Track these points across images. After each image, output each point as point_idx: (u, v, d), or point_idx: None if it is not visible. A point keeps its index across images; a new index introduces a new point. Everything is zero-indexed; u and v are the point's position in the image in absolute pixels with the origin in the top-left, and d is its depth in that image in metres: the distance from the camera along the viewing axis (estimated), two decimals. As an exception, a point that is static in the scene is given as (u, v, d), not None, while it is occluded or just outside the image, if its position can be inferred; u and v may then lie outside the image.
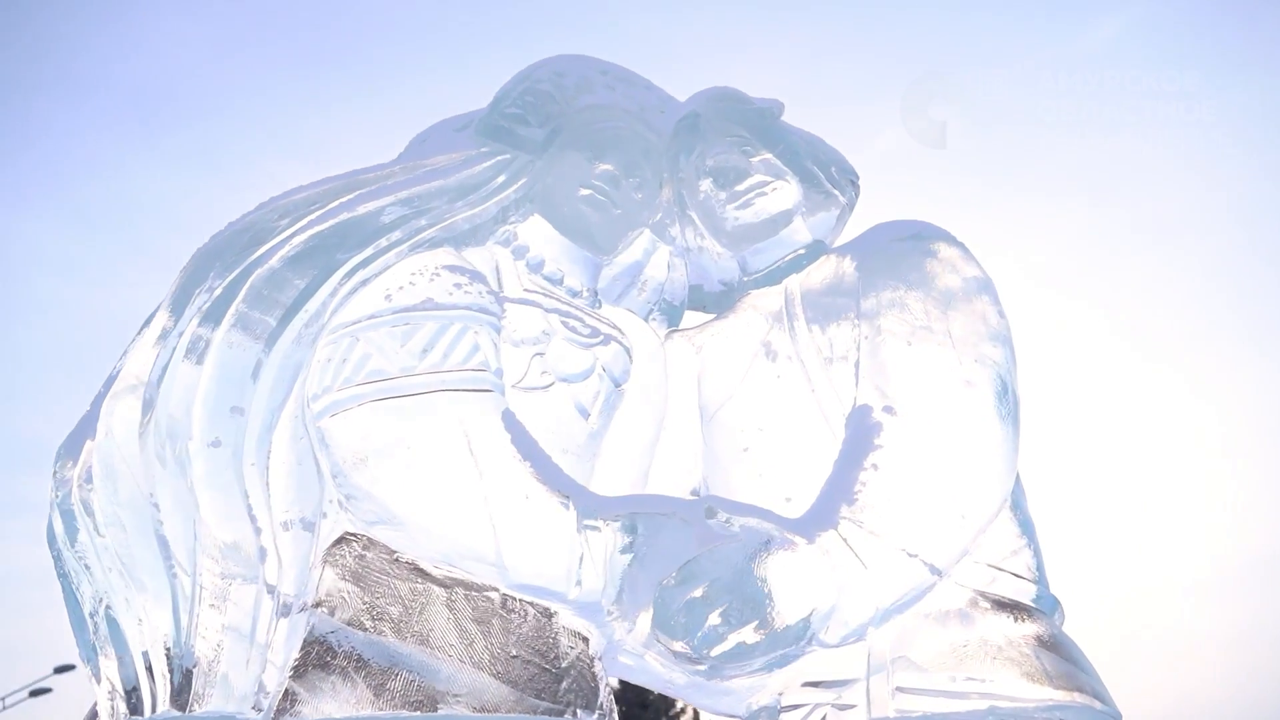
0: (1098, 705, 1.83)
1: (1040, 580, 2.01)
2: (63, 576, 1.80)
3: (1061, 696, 1.80)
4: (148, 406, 1.78)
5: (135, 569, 1.73)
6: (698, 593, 1.73)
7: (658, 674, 1.94)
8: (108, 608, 1.74)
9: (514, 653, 1.71)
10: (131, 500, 1.75)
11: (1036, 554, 2.04)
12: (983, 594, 1.92)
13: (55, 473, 1.81)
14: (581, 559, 1.73)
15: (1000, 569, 1.96)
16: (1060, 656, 1.87)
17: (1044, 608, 1.97)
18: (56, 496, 1.80)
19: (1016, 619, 1.90)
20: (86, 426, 1.84)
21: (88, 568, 1.76)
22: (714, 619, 1.72)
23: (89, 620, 1.76)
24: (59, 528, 1.79)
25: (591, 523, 1.74)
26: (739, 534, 1.76)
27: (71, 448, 1.84)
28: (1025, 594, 1.95)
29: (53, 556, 1.80)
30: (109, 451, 1.77)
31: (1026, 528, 2.06)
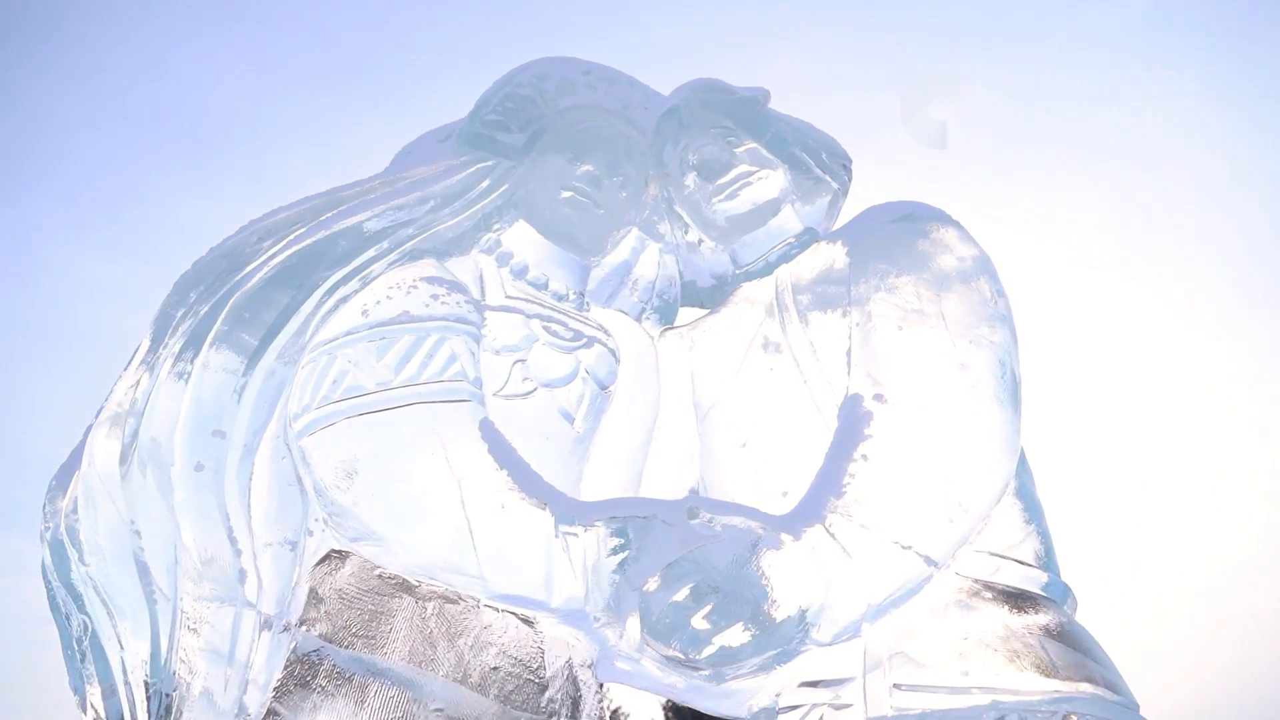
0: (1109, 696, 1.75)
1: (1049, 567, 1.93)
2: (54, 609, 1.82)
3: (1068, 688, 1.72)
4: (130, 433, 1.80)
5: (116, 596, 1.75)
6: (681, 595, 1.69)
7: (656, 678, 1.90)
8: (93, 635, 1.77)
9: (494, 664, 1.70)
10: (112, 527, 1.77)
11: (1044, 539, 1.96)
12: (986, 584, 1.85)
13: (45, 506, 1.84)
14: (559, 567, 1.70)
15: (1004, 557, 1.88)
16: (1068, 646, 1.79)
17: (1054, 595, 1.89)
18: (46, 529, 1.82)
19: (1021, 609, 1.82)
20: (76, 458, 1.87)
21: (77, 598, 1.79)
22: (699, 622, 1.69)
23: (76, 649, 1.78)
24: (48, 560, 1.82)
25: (570, 529, 1.72)
26: (721, 534, 1.72)
27: (62, 480, 1.86)
28: (1033, 582, 1.88)
29: (45, 588, 1.82)
30: (90, 479, 1.80)
31: (1033, 512, 1.98)
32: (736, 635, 1.69)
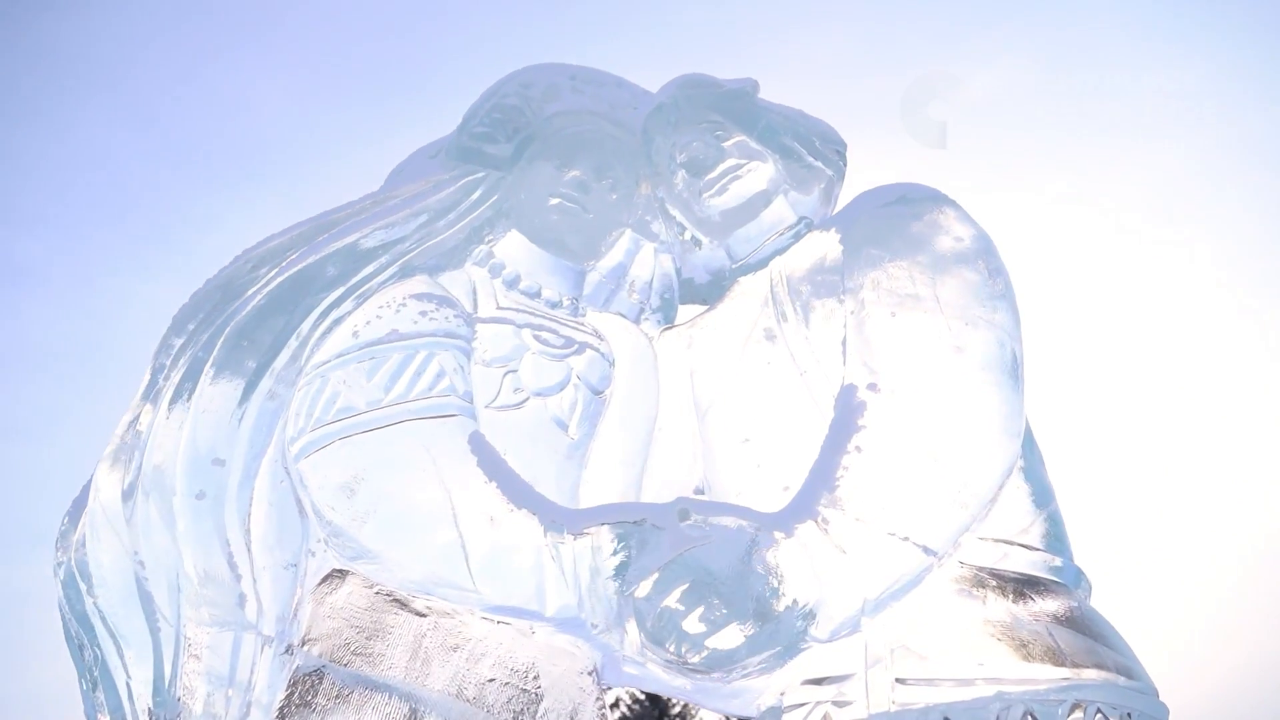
0: (1121, 681, 1.69)
1: (1060, 551, 1.88)
2: (69, 641, 1.88)
3: (1077, 675, 1.67)
4: (135, 465, 1.84)
5: (121, 625, 1.80)
6: (674, 598, 1.68)
7: (663, 680, 1.90)
8: (102, 665, 1.81)
9: (490, 676, 1.71)
10: (117, 558, 1.82)
11: (1054, 523, 1.91)
12: (992, 572, 1.80)
13: (57, 541, 1.90)
14: (550, 576, 1.70)
15: (1012, 543, 1.84)
16: (1078, 632, 1.74)
17: (1065, 580, 1.84)
18: (59, 565, 1.88)
19: (1029, 596, 1.78)
20: (85, 494, 1.91)
21: (88, 630, 1.83)
22: (694, 625, 1.67)
23: (88, 680, 1.83)
24: (61, 594, 1.87)
25: (559, 538, 1.72)
26: (711, 535, 1.70)
27: (73, 516, 1.92)
28: (1041, 567, 1.83)
29: (61, 622, 1.88)
30: (95, 513, 1.84)
31: (1042, 495, 1.93)
32: (731, 636, 1.67)
